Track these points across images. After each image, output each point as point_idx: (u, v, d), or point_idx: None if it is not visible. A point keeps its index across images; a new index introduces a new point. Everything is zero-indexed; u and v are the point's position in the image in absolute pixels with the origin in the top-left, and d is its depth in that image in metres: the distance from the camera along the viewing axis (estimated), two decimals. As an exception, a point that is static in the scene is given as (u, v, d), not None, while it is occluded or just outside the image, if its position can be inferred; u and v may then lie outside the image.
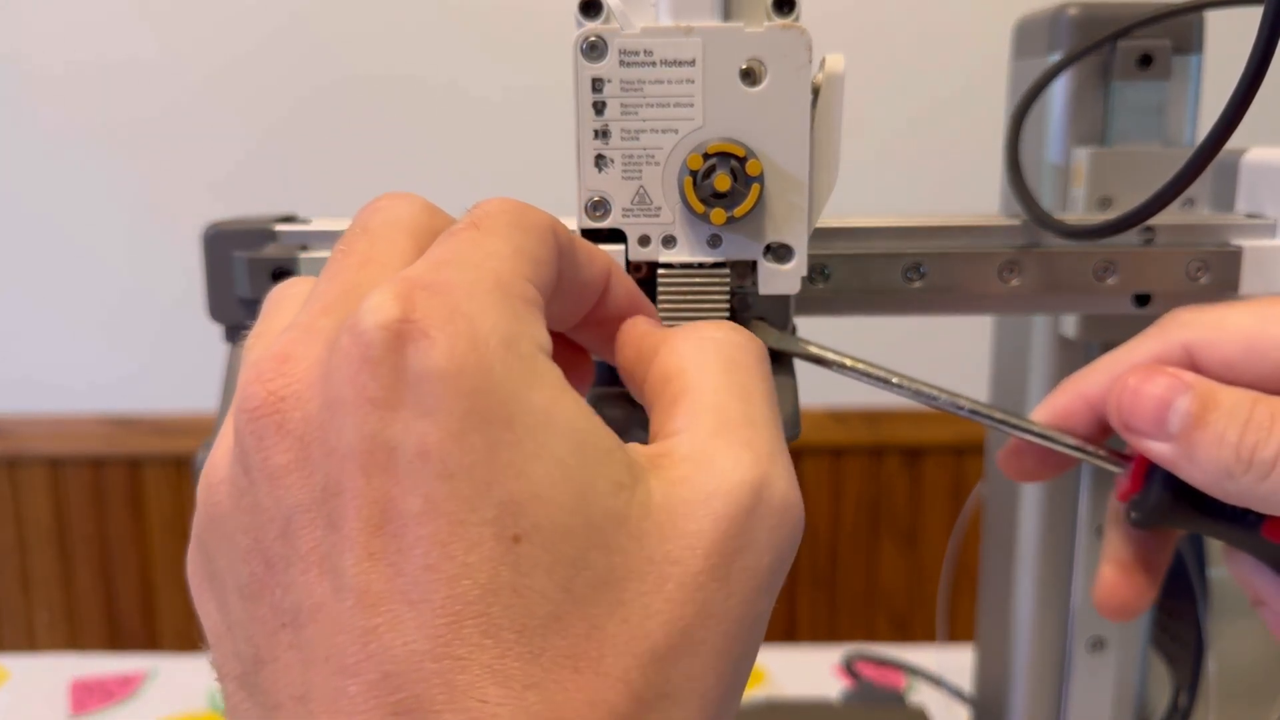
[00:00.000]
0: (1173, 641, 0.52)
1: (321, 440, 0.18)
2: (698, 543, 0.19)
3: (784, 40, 0.27)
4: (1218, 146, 0.29)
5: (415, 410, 0.18)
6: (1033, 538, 0.49)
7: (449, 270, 0.20)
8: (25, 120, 1.27)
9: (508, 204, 0.22)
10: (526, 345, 0.19)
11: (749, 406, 0.21)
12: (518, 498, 0.17)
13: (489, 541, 0.17)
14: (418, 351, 0.18)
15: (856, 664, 0.76)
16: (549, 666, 0.17)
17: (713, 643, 0.19)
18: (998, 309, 0.40)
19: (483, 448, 0.18)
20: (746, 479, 0.20)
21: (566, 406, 0.19)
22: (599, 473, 0.19)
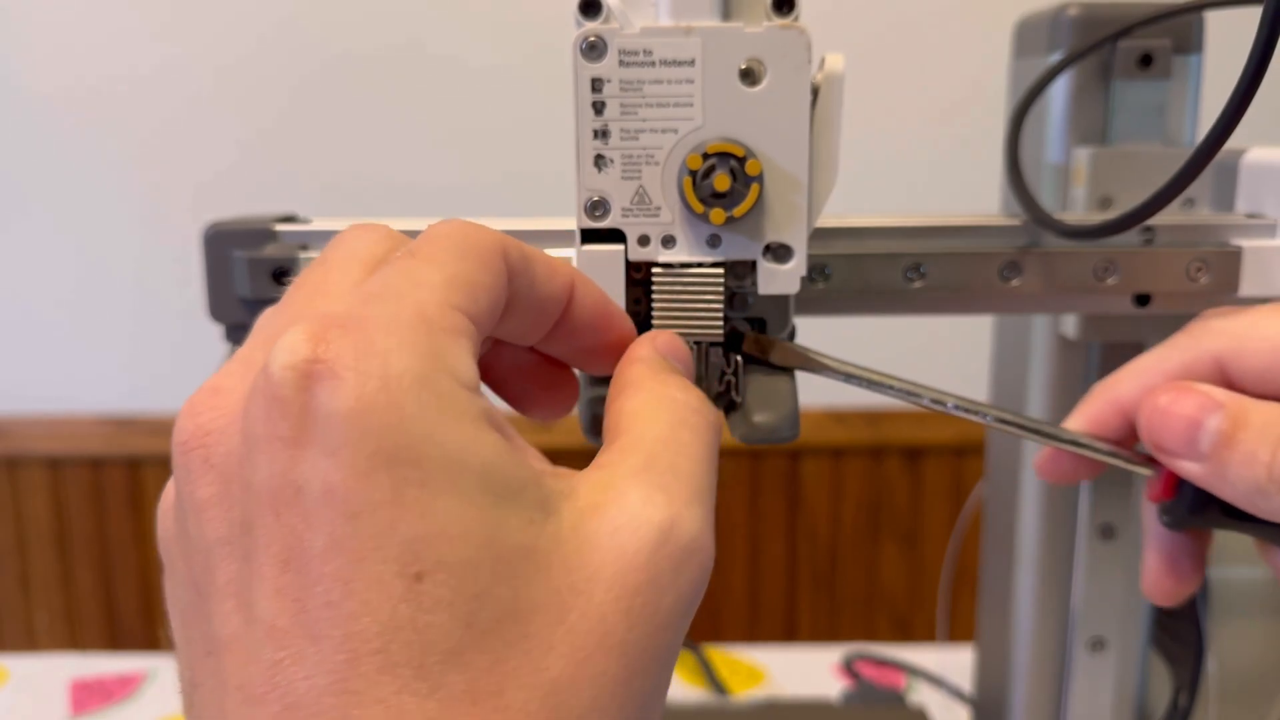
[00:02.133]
0: (1173, 641, 0.52)
1: (240, 476, 0.19)
2: (600, 574, 0.19)
3: (783, 40, 0.27)
4: (1217, 146, 0.29)
5: (322, 449, 0.18)
6: (1033, 538, 0.49)
7: (373, 304, 0.20)
8: (25, 121, 1.27)
9: (452, 228, 0.22)
10: (444, 381, 0.19)
11: (678, 459, 0.22)
12: (422, 535, 0.18)
13: (391, 579, 0.17)
14: (325, 391, 0.18)
15: (857, 664, 0.76)
16: (446, 701, 0.17)
17: (614, 674, 0.19)
18: (998, 309, 0.40)
19: (388, 486, 0.18)
20: (654, 518, 0.20)
21: (480, 443, 0.19)
22: (509, 508, 0.19)
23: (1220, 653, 0.50)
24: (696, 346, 0.30)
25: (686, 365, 0.27)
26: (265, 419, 0.19)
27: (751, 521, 1.39)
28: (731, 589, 1.41)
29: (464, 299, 0.21)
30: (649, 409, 0.23)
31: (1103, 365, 0.45)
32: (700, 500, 0.21)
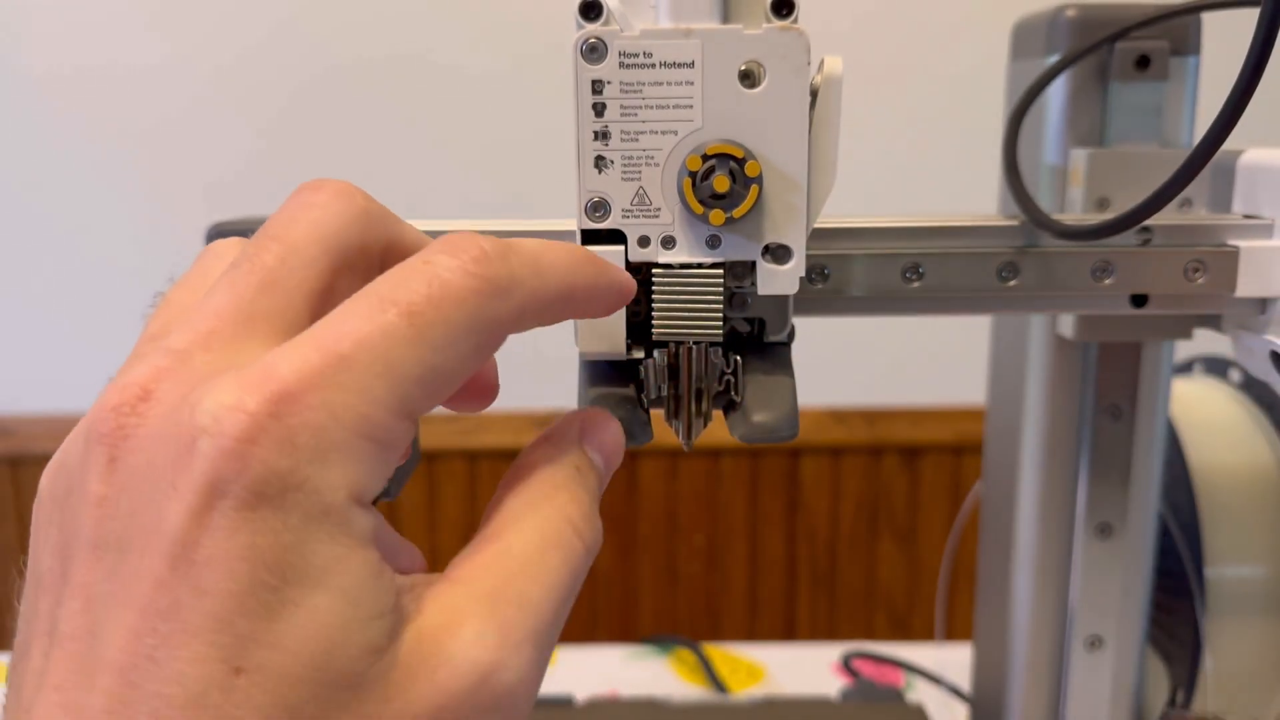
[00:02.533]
0: (1170, 640, 0.52)
1: (133, 498, 0.19)
2: (410, 708, 0.19)
3: (783, 42, 0.27)
4: (1215, 147, 0.29)
5: (210, 529, 0.18)
6: (1030, 536, 0.49)
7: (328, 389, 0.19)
8: (28, 122, 1.27)
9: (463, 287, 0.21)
10: (343, 500, 0.19)
11: (532, 587, 0.21)
12: (256, 637, 0.18)
13: (213, 662, 0.18)
14: (236, 478, 0.18)
15: (855, 662, 0.76)
16: None
17: None
18: (996, 309, 0.40)
19: (245, 579, 0.18)
20: (479, 660, 0.20)
21: (352, 565, 0.19)
22: (355, 634, 0.19)
23: (1217, 651, 0.50)
24: (696, 346, 0.30)
25: (608, 455, 0.26)
26: (172, 476, 0.19)
27: (751, 520, 1.39)
28: (731, 587, 1.41)
29: (420, 398, 0.20)
30: (528, 514, 0.23)
31: (1100, 365, 0.45)
32: (536, 640, 0.21)
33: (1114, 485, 0.46)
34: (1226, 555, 0.51)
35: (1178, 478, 0.51)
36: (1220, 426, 0.54)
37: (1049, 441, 0.47)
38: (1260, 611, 0.51)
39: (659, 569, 1.40)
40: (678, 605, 1.41)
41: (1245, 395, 0.55)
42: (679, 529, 1.39)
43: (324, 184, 0.23)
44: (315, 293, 0.22)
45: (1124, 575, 0.47)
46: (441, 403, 0.23)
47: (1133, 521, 0.47)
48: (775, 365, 0.32)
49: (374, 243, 0.23)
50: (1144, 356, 0.45)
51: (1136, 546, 0.47)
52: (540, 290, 0.22)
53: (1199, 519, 0.51)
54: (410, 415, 0.20)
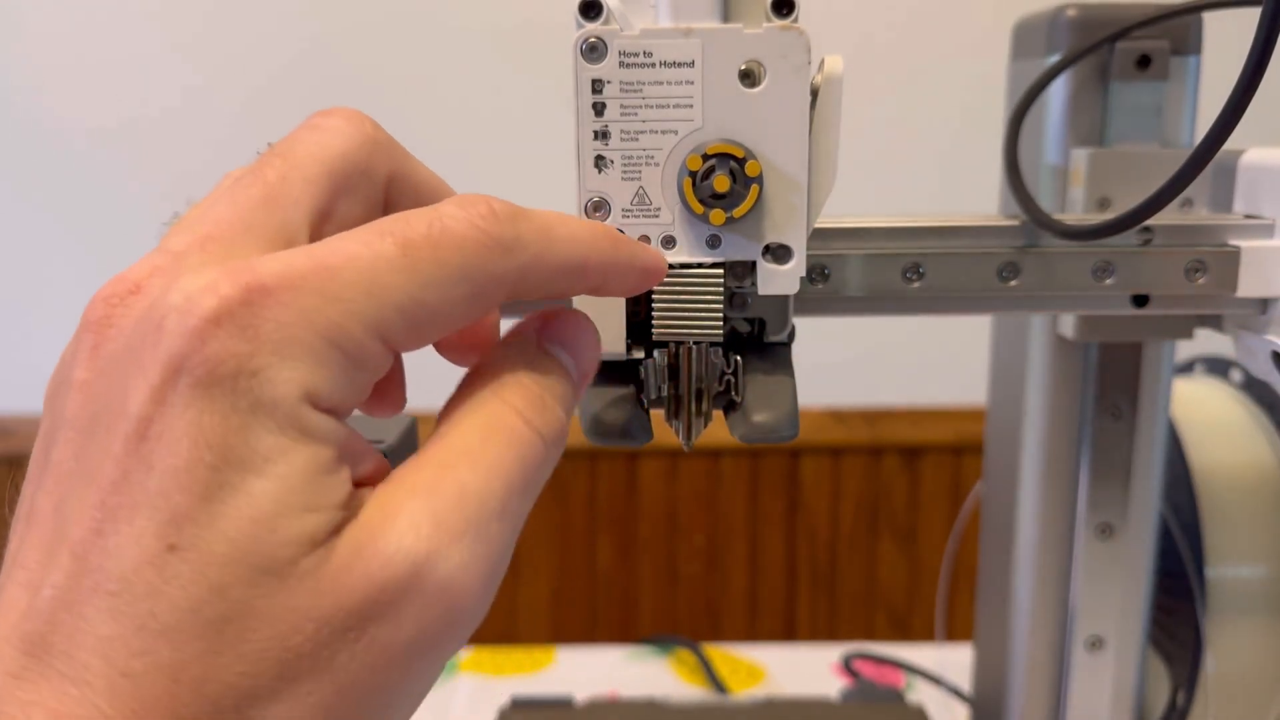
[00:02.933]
0: (1171, 641, 0.52)
1: (108, 380, 0.20)
2: (338, 600, 0.19)
3: (783, 42, 0.27)
4: (1216, 147, 0.29)
5: (166, 406, 0.19)
6: (1031, 537, 0.49)
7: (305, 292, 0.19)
8: (29, 121, 1.27)
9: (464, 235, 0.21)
10: (295, 396, 0.19)
11: (471, 478, 0.21)
12: (190, 515, 0.18)
13: (149, 537, 0.18)
14: (199, 360, 0.19)
15: (856, 662, 0.76)
16: (151, 668, 0.18)
17: (321, 697, 0.19)
18: (997, 309, 0.40)
19: (187, 462, 0.19)
20: (411, 549, 0.20)
21: (296, 458, 0.19)
22: (291, 523, 0.19)
23: (1218, 652, 0.50)
24: (696, 346, 0.30)
25: (576, 352, 0.25)
26: (139, 355, 0.19)
27: (751, 520, 1.39)
28: (731, 588, 1.41)
29: (400, 327, 0.21)
30: (471, 408, 0.22)
31: (1101, 365, 0.45)
32: (478, 532, 0.20)
33: (1115, 485, 0.46)
34: (1227, 555, 0.51)
35: (1179, 478, 0.51)
36: (1221, 427, 0.54)
37: (1050, 442, 0.47)
38: (1261, 612, 0.51)
39: (659, 569, 1.40)
40: (678, 605, 1.41)
41: (1246, 395, 0.55)
42: (679, 529, 1.39)
43: (335, 110, 0.24)
44: (314, 210, 0.22)
45: (1125, 576, 0.47)
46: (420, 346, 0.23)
47: (1134, 522, 0.47)
48: (775, 365, 0.32)
49: (378, 170, 0.24)
50: (1145, 357, 0.45)
51: (1137, 547, 0.47)
52: (547, 256, 0.22)
53: (1200, 519, 0.51)
54: (386, 340, 0.20)
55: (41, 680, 0.18)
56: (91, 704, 0.18)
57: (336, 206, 0.23)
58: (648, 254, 0.25)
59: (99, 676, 0.18)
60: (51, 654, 0.18)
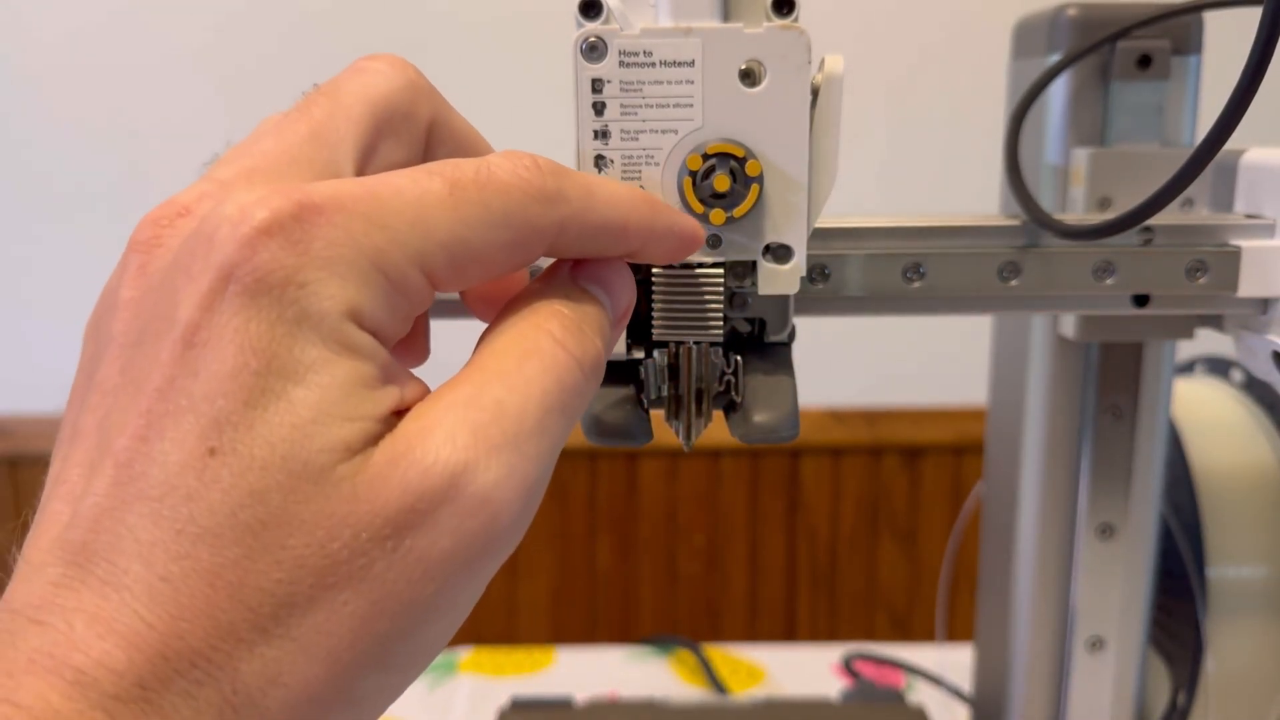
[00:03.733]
0: (1172, 641, 0.52)
1: (156, 295, 0.20)
2: (376, 509, 0.19)
3: (783, 41, 0.27)
4: (1216, 147, 0.29)
5: (214, 313, 0.19)
6: (1032, 537, 0.49)
7: (354, 215, 0.20)
8: (27, 120, 1.27)
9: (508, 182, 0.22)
10: (341, 310, 0.20)
11: (509, 395, 0.21)
12: (232, 419, 0.19)
13: (192, 441, 0.19)
14: (245, 263, 0.19)
15: (856, 663, 0.76)
16: (189, 571, 0.18)
17: (356, 606, 0.19)
18: (997, 309, 0.40)
19: (231, 367, 0.19)
20: (448, 459, 0.20)
21: (338, 370, 0.20)
22: (329, 430, 0.19)
23: (1219, 653, 0.50)
24: (696, 346, 0.30)
25: (609, 288, 0.25)
26: (189, 265, 0.20)
27: (751, 521, 1.39)
28: (731, 588, 1.41)
29: (444, 264, 0.21)
30: (509, 334, 0.23)
31: (1102, 365, 0.45)
32: (516, 448, 0.20)
33: (1115, 486, 0.46)
34: (1228, 556, 0.51)
35: (1179, 478, 0.51)
36: (1222, 427, 0.54)
37: (1050, 442, 0.47)
38: (1262, 612, 0.51)
39: (659, 569, 1.40)
40: (678, 606, 1.41)
41: (1247, 395, 0.55)
42: (679, 529, 1.39)
43: (379, 55, 0.24)
44: (359, 148, 0.23)
45: (1125, 576, 0.47)
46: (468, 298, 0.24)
47: (1134, 522, 0.47)
48: (776, 365, 0.32)
49: (420, 114, 0.24)
50: (1145, 356, 0.45)
51: (1138, 547, 0.47)
52: (587, 213, 0.23)
53: (1201, 519, 0.51)
54: (428, 273, 0.21)
55: (83, 587, 0.18)
56: (131, 609, 0.18)
57: (379, 147, 0.23)
58: (686, 221, 0.26)
59: (138, 581, 0.18)
60: (94, 561, 0.18)
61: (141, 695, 0.18)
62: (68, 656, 0.18)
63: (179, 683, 0.18)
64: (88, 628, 0.18)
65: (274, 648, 0.19)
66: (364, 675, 0.20)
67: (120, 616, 0.18)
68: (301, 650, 0.19)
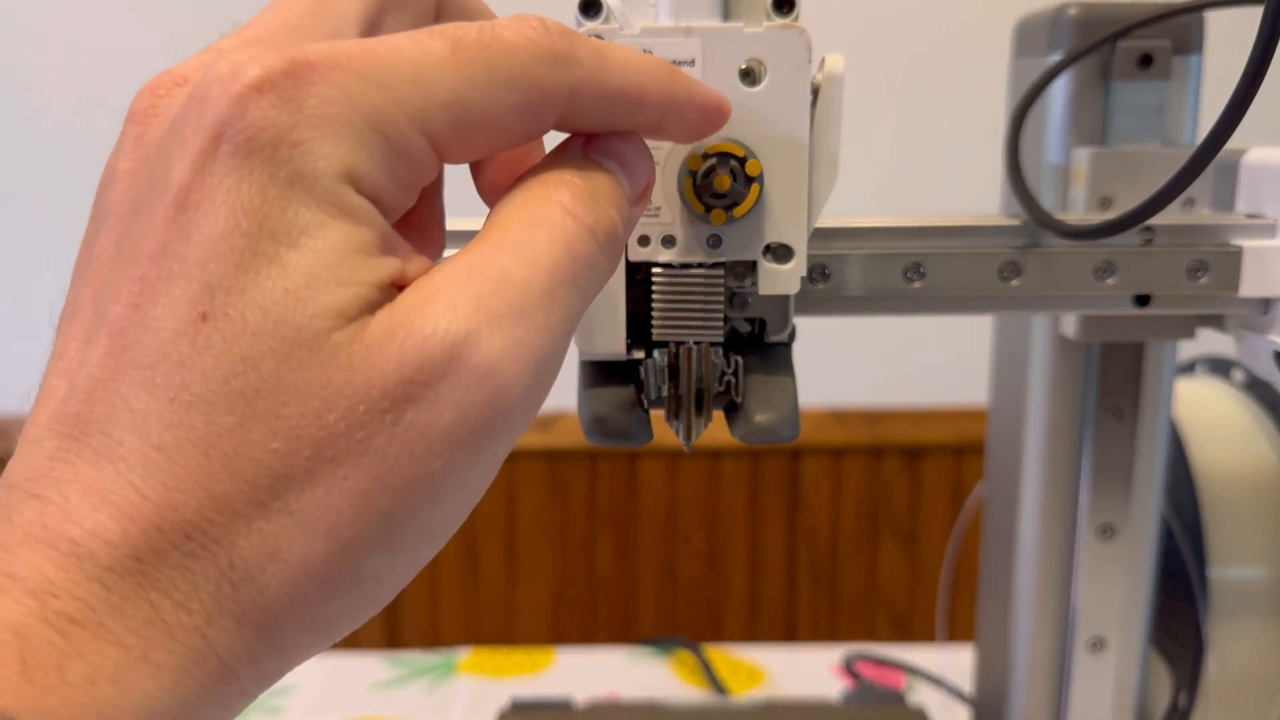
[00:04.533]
0: (1173, 642, 0.52)
1: (153, 165, 0.20)
2: (373, 380, 0.19)
3: (783, 40, 0.27)
4: (1218, 146, 0.29)
5: (206, 174, 0.19)
6: (1033, 538, 0.49)
7: (350, 73, 0.19)
8: (27, 121, 1.27)
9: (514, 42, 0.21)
10: (335, 171, 0.19)
11: (514, 265, 0.20)
12: (224, 283, 0.18)
13: (184, 306, 0.18)
14: (236, 122, 0.19)
15: (856, 664, 0.76)
16: (183, 441, 0.18)
17: (356, 482, 0.18)
18: (998, 309, 0.40)
19: (223, 230, 0.18)
20: (448, 329, 0.19)
21: (332, 234, 0.19)
22: (323, 295, 0.19)
23: (1220, 653, 0.50)
24: (696, 346, 0.30)
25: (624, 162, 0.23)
26: (186, 122, 0.19)
27: (751, 521, 1.39)
28: (731, 588, 1.41)
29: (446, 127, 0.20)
30: (517, 204, 0.21)
31: (1103, 365, 0.45)
32: (520, 318, 0.20)
33: (1116, 486, 0.46)
34: (1229, 556, 0.51)
35: (1180, 478, 0.51)
36: (1223, 427, 0.54)
37: (1051, 442, 0.47)
38: (1263, 612, 0.51)
39: (659, 570, 1.40)
40: (678, 606, 1.41)
41: (1248, 395, 0.55)
42: (679, 529, 1.39)
43: None
44: (363, 19, 0.22)
45: (1126, 576, 0.47)
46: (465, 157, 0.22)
47: (1135, 522, 0.47)
48: (776, 365, 0.32)
49: None
50: (1146, 356, 0.45)
51: (1139, 547, 0.47)
52: (600, 76, 0.22)
53: (1202, 520, 0.50)
54: (429, 135, 0.20)
55: (78, 459, 0.18)
56: (125, 480, 0.18)
57: (385, 19, 0.23)
58: (709, 92, 0.24)
59: (132, 452, 0.18)
60: (88, 433, 0.18)
61: (136, 567, 0.17)
62: (62, 528, 0.17)
63: (174, 555, 0.18)
64: (82, 499, 0.18)
65: (271, 522, 0.18)
66: (368, 554, 0.19)
67: (115, 488, 0.18)
68: (300, 525, 0.18)
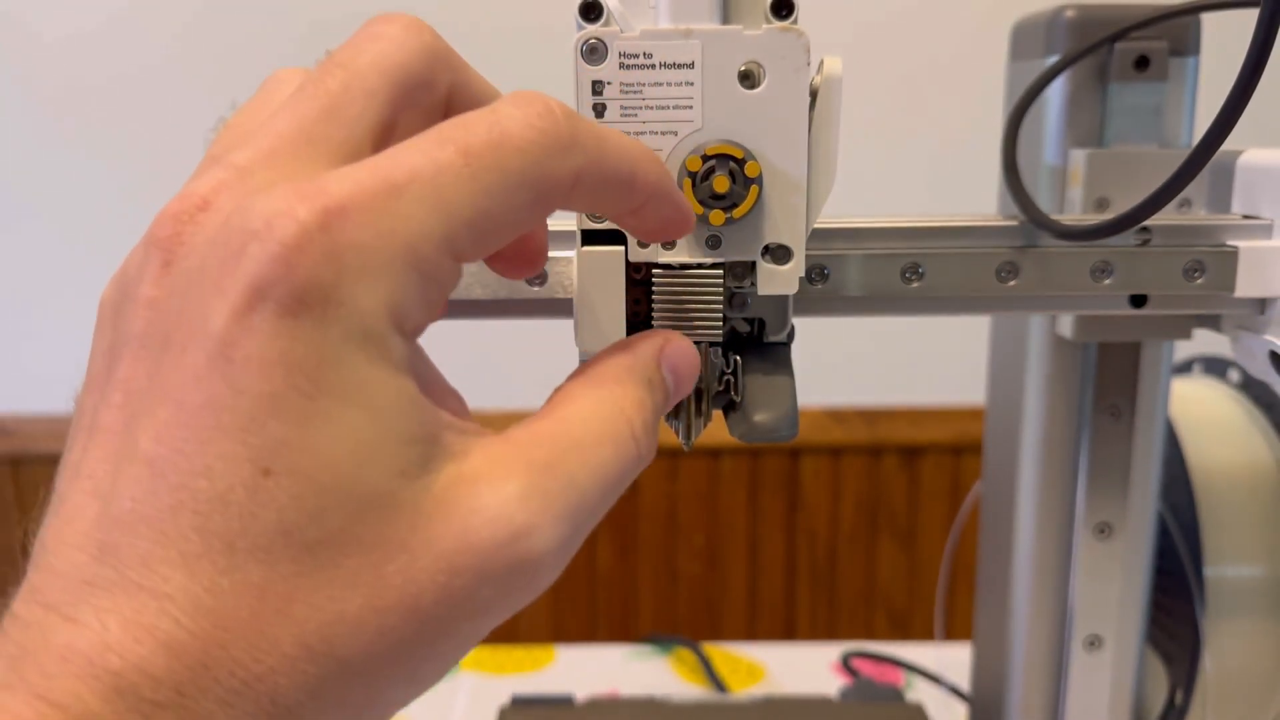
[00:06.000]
0: (1169, 640, 0.52)
1: (182, 299, 0.20)
2: (436, 544, 0.19)
3: (782, 43, 0.27)
4: (1214, 148, 0.29)
5: (250, 330, 0.19)
6: (1030, 536, 0.49)
7: (378, 213, 0.19)
8: (30, 121, 1.27)
9: (523, 137, 0.21)
10: (382, 322, 0.20)
11: (581, 472, 0.22)
12: (288, 441, 0.19)
13: (241, 460, 0.19)
14: (279, 282, 0.19)
15: (855, 661, 0.76)
16: (238, 586, 0.18)
17: (402, 635, 0.19)
18: (995, 309, 0.40)
19: (279, 389, 0.19)
20: (515, 518, 0.20)
21: (388, 388, 0.20)
22: (387, 453, 0.19)
23: (1216, 652, 0.50)
24: (695, 346, 0.30)
25: (679, 381, 0.26)
26: (219, 274, 0.19)
27: (751, 520, 1.39)
28: (731, 587, 1.41)
29: (468, 241, 0.21)
30: (592, 407, 0.23)
31: (1100, 365, 0.45)
32: (573, 521, 0.21)
33: (1113, 485, 0.46)
34: (1226, 555, 0.51)
35: (1177, 478, 0.51)
36: (1219, 426, 0.54)
37: (1048, 441, 0.47)
38: (1260, 611, 0.51)
39: (659, 569, 1.40)
40: (678, 605, 1.41)
41: (1244, 395, 0.55)
42: (679, 529, 1.39)
43: (394, 17, 0.23)
44: (377, 123, 0.22)
45: (1123, 575, 0.47)
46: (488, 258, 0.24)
47: (1132, 521, 0.47)
48: (775, 365, 0.32)
49: (439, 81, 0.23)
50: (1143, 356, 0.45)
51: (1136, 546, 0.47)
52: (601, 162, 0.22)
53: (1198, 519, 0.51)
54: (456, 255, 0.21)
55: (116, 589, 0.18)
56: (171, 616, 0.18)
57: (399, 120, 0.23)
58: (685, 198, 0.26)
59: (180, 590, 0.18)
60: (127, 565, 0.18)
61: (179, 701, 0.18)
62: (103, 658, 0.18)
63: (216, 690, 0.18)
64: (124, 630, 0.18)
65: (317, 665, 0.19)
66: (394, 689, 0.20)
67: (159, 623, 0.18)
68: (343, 669, 0.19)
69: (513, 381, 1.10)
